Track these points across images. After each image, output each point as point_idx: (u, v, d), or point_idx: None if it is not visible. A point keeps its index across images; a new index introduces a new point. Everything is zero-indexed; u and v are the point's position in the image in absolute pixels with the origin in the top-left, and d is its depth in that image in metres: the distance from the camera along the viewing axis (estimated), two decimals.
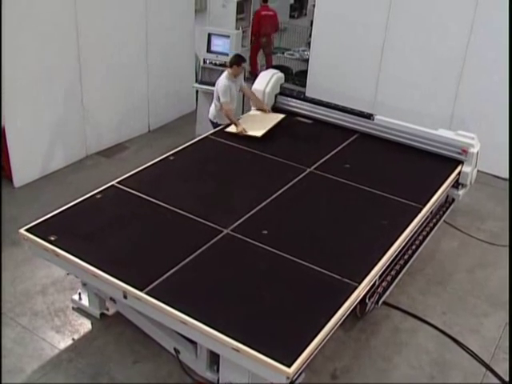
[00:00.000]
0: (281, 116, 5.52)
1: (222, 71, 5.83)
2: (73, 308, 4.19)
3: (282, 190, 4.40)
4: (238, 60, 5.50)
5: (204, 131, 5.74)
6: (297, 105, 5.80)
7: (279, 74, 5.93)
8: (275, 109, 5.84)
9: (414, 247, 4.48)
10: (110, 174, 4.84)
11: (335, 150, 5.13)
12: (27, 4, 5.31)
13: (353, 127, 5.49)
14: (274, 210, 4.15)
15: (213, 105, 5.72)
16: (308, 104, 5.74)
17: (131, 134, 7.03)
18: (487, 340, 4.13)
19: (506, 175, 6.36)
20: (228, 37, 6.77)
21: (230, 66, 5.50)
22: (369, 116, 5.43)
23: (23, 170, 5.76)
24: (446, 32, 6.49)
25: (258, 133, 5.12)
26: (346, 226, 4.02)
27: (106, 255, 3.54)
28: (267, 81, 5.77)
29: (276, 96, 5.85)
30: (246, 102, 7.06)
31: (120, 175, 4.45)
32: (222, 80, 5.53)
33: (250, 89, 5.84)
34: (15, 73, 5.38)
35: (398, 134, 5.24)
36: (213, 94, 5.76)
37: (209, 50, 6.71)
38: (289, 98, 5.84)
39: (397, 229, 3.98)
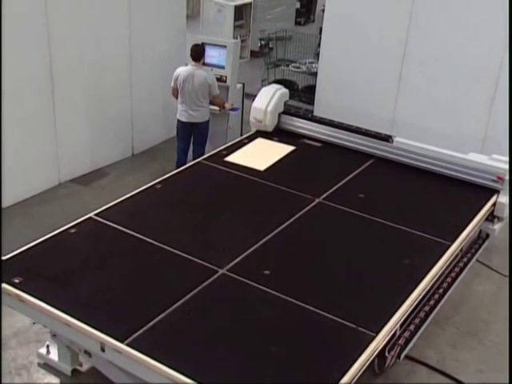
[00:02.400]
0: (290, 148, 5.62)
1: (219, 86, 6.15)
2: (38, 364, 4.16)
3: (287, 223, 4.44)
4: (203, 49, 6.56)
5: None
6: (303, 125, 5.90)
7: (283, 90, 6.05)
8: (278, 130, 5.94)
9: (441, 291, 4.50)
10: (86, 205, 4.91)
11: (348, 178, 5.19)
12: None
13: (368, 151, 5.57)
14: (277, 247, 4.19)
15: (200, 108, 6.47)
16: (316, 125, 5.84)
17: (112, 158, 7.13)
18: None
19: None
20: (224, 47, 6.94)
21: (200, 58, 6.46)
22: (387, 138, 5.52)
23: None
24: (479, 39, 6.59)
25: (261, 166, 5.23)
26: (360, 266, 4.05)
27: (81, 300, 3.56)
28: (269, 98, 5.87)
29: (279, 115, 5.96)
30: (244, 122, 7.19)
31: (98, 206, 4.51)
32: (207, 74, 6.41)
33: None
34: None
35: (421, 158, 5.31)
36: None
37: (203, 62, 6.85)
38: (294, 118, 5.95)
39: (421, 269, 4.00)
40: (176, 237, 4.19)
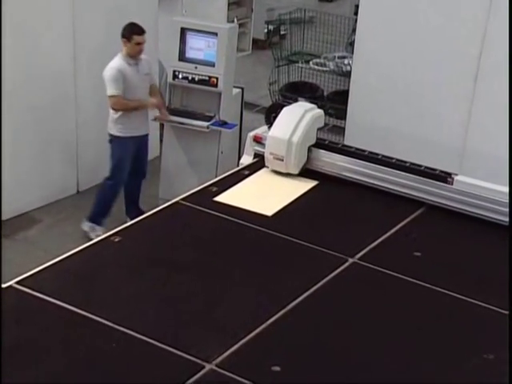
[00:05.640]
0: (310, 184, 5.71)
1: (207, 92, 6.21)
2: None
3: (307, 294, 4.45)
4: (130, 29, 6.72)
5: (173, 192, 5.90)
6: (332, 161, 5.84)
7: (316, 112, 6.01)
8: (308, 171, 5.87)
9: None
10: (5, 266, 4.90)
11: (395, 229, 5.23)
12: None
13: (417, 196, 5.56)
14: (293, 330, 4.19)
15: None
16: (350, 159, 5.81)
17: (46, 198, 7.17)
18: None
19: None
20: (214, 35, 7.05)
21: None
22: (444, 177, 5.58)
23: None
24: None
25: (268, 210, 5.29)
26: (418, 362, 4.03)
27: None
28: (295, 123, 5.85)
29: (310, 149, 5.88)
30: (242, 144, 7.25)
31: (24, 269, 4.51)
32: (112, 62, 6.75)
33: None
34: None
35: (494, 207, 5.32)
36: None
37: (182, 57, 6.97)
38: (333, 154, 5.83)
39: None
40: (141, 315, 4.20)
